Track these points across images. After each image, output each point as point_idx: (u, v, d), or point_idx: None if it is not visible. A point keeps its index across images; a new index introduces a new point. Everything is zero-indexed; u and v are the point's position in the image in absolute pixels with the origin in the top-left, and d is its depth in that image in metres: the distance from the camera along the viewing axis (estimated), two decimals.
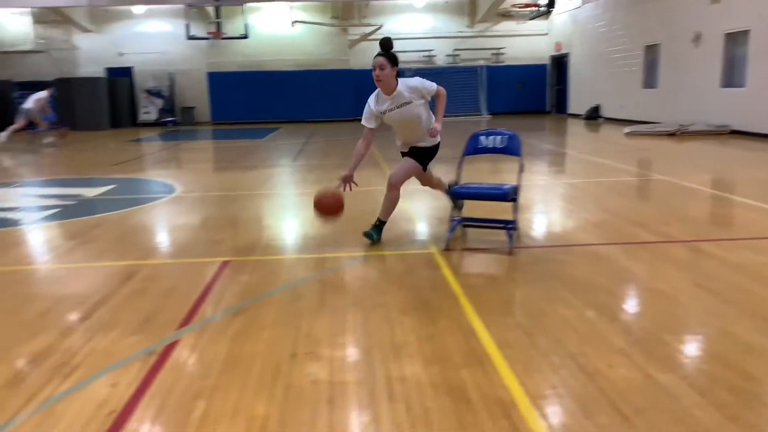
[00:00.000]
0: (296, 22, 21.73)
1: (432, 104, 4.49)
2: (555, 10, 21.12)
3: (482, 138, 4.58)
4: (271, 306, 3.36)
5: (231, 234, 5.14)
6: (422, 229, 5.17)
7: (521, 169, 4.50)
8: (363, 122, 4.46)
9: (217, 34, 19.81)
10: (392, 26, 22.65)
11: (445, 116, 4.48)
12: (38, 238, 5.26)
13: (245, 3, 19.55)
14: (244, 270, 4.02)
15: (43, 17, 21.63)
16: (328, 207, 4.22)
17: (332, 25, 22.24)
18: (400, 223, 5.32)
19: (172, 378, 2.51)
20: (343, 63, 22.20)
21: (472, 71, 22.09)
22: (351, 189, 4.40)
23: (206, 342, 2.87)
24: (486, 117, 21.22)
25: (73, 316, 3.22)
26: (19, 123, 14.23)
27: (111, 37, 22.47)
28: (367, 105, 4.46)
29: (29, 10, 20.98)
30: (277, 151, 12.72)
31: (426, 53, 22.83)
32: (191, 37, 20.50)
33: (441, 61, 22.91)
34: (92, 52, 22.45)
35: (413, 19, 22.81)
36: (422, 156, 4.57)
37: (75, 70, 22.25)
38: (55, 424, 2.18)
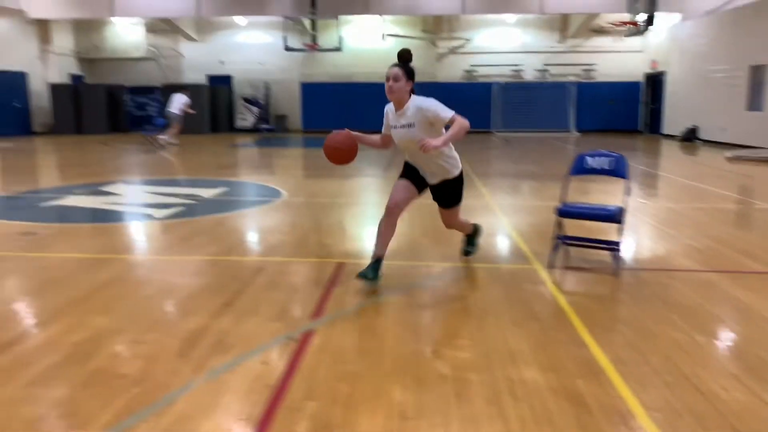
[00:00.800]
0: (387, 35, 22.32)
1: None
2: (651, 27, 20.56)
3: (589, 159, 4.70)
4: (389, 307, 3.65)
5: (340, 238, 5.52)
6: (523, 244, 5.32)
7: (628, 192, 4.58)
8: (383, 129, 4.11)
9: (313, 46, 20.70)
10: (481, 40, 22.83)
11: (531, 131, 4.50)
12: (172, 232, 5.85)
13: (340, 15, 20.32)
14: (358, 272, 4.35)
15: (154, 27, 23.42)
16: (338, 149, 3.87)
17: (422, 39, 22.68)
18: (501, 237, 5.51)
19: (315, 361, 2.84)
20: (430, 76, 22.57)
21: (561, 87, 21.87)
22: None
23: (338, 333, 3.20)
24: (575, 134, 20.90)
25: (218, 302, 3.65)
26: (176, 127, 15.45)
27: (213, 46, 23.96)
28: (384, 114, 4.07)
29: (143, 20, 22.78)
30: (367, 161, 13.14)
31: (514, 68, 22.80)
32: (288, 49, 21.50)
33: (529, 75, 22.81)
34: (196, 60, 24.02)
35: (502, 33, 22.85)
36: (453, 194, 4.14)
37: (180, 77, 23.87)
38: (224, 391, 2.55)
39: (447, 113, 3.72)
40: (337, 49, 21.09)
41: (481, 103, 22.16)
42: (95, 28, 23.70)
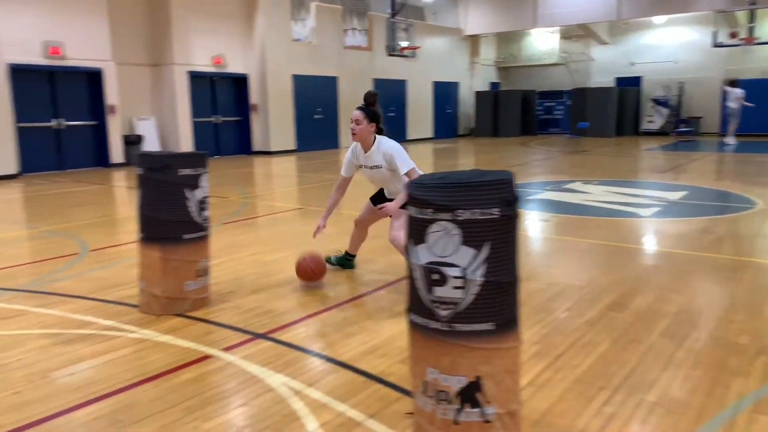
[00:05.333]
0: None
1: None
2: None
3: None
4: None
5: None
6: None
7: None
8: (342, 171, 4.43)
9: (749, 40, 18.70)
10: None
11: None
12: (670, 230, 6.43)
13: None
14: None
15: (567, 33, 24.68)
16: (304, 272, 4.35)
17: None
18: None
19: None
20: None
21: None
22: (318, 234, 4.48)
23: None
24: None
25: None
26: (734, 123, 17.30)
27: (624, 48, 23.89)
28: (348, 152, 4.37)
29: (558, 27, 24.22)
30: None
31: None
32: (718, 45, 19.90)
33: None
34: (605, 63, 24.38)
35: None
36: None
37: (587, 80, 24.65)
38: None
39: (404, 168, 4.01)
40: None
41: None
42: (514, 39, 26.35)
